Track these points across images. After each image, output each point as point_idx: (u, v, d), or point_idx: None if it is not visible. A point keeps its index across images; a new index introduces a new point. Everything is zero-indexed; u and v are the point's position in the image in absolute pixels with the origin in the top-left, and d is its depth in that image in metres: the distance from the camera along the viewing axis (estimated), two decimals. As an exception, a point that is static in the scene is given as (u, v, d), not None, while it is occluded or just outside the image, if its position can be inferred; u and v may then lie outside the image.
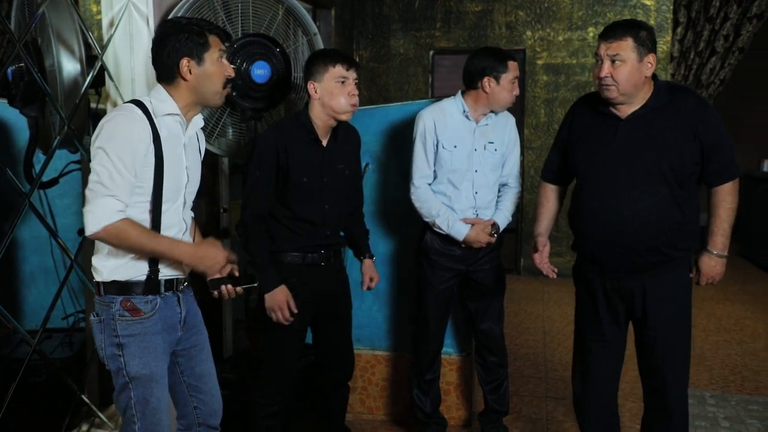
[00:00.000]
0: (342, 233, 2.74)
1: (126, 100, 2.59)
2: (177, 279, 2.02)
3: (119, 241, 1.84)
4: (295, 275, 2.52)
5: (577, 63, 6.17)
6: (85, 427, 2.67)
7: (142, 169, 1.87)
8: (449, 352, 3.20)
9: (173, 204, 1.99)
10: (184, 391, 2.13)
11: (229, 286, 2.08)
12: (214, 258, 1.98)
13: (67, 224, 3.16)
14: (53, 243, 2.77)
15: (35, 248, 3.26)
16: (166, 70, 1.96)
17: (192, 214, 2.17)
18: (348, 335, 2.78)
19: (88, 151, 2.61)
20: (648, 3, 5.99)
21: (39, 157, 2.68)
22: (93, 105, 2.73)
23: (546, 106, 6.27)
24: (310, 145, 2.49)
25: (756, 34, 6.63)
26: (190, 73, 1.94)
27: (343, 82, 2.44)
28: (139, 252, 1.89)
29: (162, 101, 1.95)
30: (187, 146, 2.03)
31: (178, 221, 2.02)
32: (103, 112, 2.70)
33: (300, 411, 3.08)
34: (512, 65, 2.75)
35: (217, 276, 2.08)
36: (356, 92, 2.47)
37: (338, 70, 2.43)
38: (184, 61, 1.93)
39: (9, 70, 2.50)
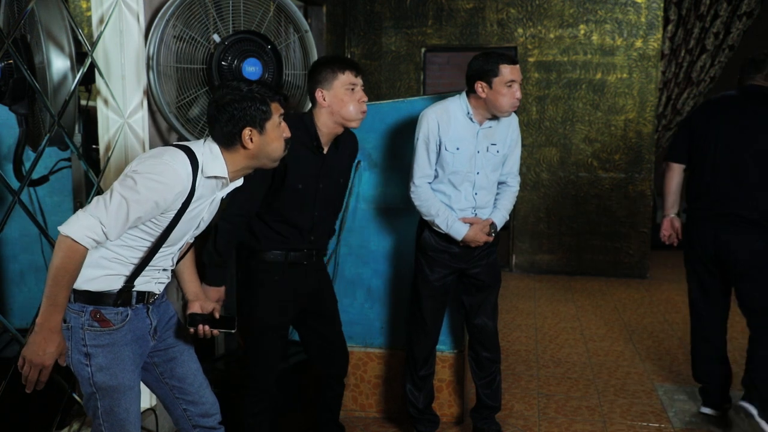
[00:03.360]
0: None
1: (116, 97, 2.58)
2: (149, 293, 2.01)
3: (61, 258, 1.76)
4: (278, 274, 2.52)
5: (568, 60, 6.19)
6: (76, 425, 2.66)
7: (157, 217, 1.86)
8: (442, 349, 3.20)
9: (173, 246, 2.00)
10: (169, 394, 2.12)
11: (207, 327, 2.06)
12: (38, 353, 1.75)
13: (57, 222, 3.13)
14: (43, 241, 2.76)
15: (25, 246, 3.24)
16: (226, 137, 1.91)
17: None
18: (338, 330, 2.78)
19: (77, 149, 2.60)
20: (639, 1, 6.00)
21: (29, 155, 2.67)
22: (83, 102, 2.71)
23: (537, 103, 6.28)
24: (312, 152, 2.48)
25: (746, 31, 6.66)
26: (252, 141, 1.92)
27: (352, 89, 2.43)
28: (49, 279, 1.77)
29: (213, 160, 1.91)
30: (216, 201, 2.02)
31: (168, 259, 2.03)
32: (93, 109, 2.69)
33: (294, 409, 3.08)
34: (506, 68, 2.68)
35: (199, 311, 2.07)
36: (365, 99, 2.47)
37: (347, 77, 2.43)
38: (247, 131, 1.90)
39: (-2, 67, 2.48)
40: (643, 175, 6.17)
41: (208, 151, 1.92)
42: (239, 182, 2.05)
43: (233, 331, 2.10)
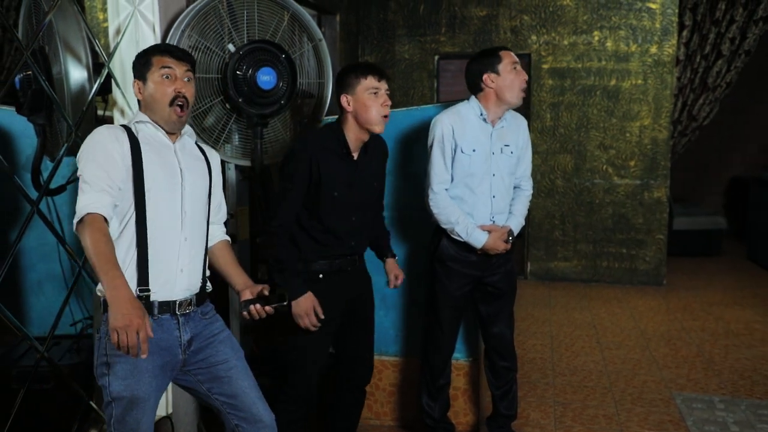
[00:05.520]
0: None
1: (132, 107, 2.61)
2: (175, 302, 2.00)
3: (88, 239, 1.80)
4: (324, 282, 2.55)
5: (582, 67, 6.17)
6: (93, 433, 2.68)
7: (122, 168, 1.92)
8: (457, 358, 3.19)
9: (170, 221, 2.00)
10: (221, 409, 2.11)
11: (258, 306, 2.08)
12: (126, 316, 1.71)
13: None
14: (61, 250, 2.78)
15: (42, 255, 3.26)
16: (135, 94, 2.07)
17: (222, 232, 2.25)
18: (371, 339, 2.80)
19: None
20: (653, 6, 5.98)
21: (47, 165, 2.70)
22: (100, 112, 2.74)
23: (551, 110, 6.26)
24: (342, 160, 2.52)
25: (762, 36, 6.61)
26: (141, 93, 2.03)
27: (375, 93, 2.46)
28: (92, 264, 1.78)
29: (136, 115, 2.05)
30: (179, 153, 2.06)
31: (182, 246, 2.02)
32: (110, 119, 2.72)
33: (313, 415, 3.07)
34: (504, 53, 2.76)
35: (248, 297, 2.10)
36: (389, 103, 2.50)
37: (370, 81, 2.46)
38: (135, 84, 2.04)
39: (17, 78, 2.52)
40: (658, 182, 6.13)
41: (136, 113, 2.09)
42: (190, 135, 2.14)
43: (285, 303, 2.10)
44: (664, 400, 3.64)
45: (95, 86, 2.52)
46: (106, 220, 1.86)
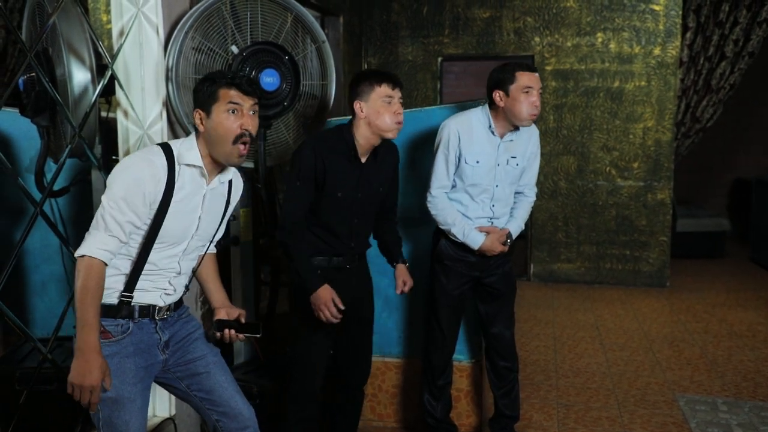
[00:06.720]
0: (373, 240, 2.79)
1: (136, 108, 2.61)
2: (154, 306, 2.02)
3: (81, 278, 1.82)
4: (322, 278, 2.55)
5: (585, 69, 6.16)
6: (95, 435, 2.68)
7: (145, 210, 1.90)
8: (460, 359, 3.19)
9: (173, 248, 2.01)
10: (200, 406, 2.13)
11: (233, 331, 2.11)
12: (82, 375, 1.79)
13: (78, 232, 3.18)
14: (64, 251, 2.79)
15: (46, 257, 3.27)
16: (191, 122, 1.99)
17: (212, 247, 2.21)
18: (369, 340, 2.81)
19: (98, 160, 2.63)
20: (657, 8, 5.97)
21: (50, 166, 2.70)
22: (103, 114, 2.74)
23: (555, 111, 6.26)
24: (349, 162, 2.53)
25: (766, 38, 6.60)
26: (202, 124, 1.96)
27: (389, 102, 2.47)
28: (76, 302, 1.83)
29: (188, 149, 1.97)
30: (207, 196, 2.03)
31: (170, 264, 2.03)
32: (113, 121, 2.72)
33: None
34: (522, 75, 2.67)
35: (225, 318, 2.12)
36: (401, 111, 2.51)
37: (384, 89, 2.47)
38: (196, 114, 1.97)
39: (20, 80, 2.52)
40: (662, 184, 6.12)
41: (187, 141, 1.99)
42: (228, 176, 2.07)
43: (258, 335, 2.14)
44: (668, 402, 3.64)
45: (99, 88, 2.52)
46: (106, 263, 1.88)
